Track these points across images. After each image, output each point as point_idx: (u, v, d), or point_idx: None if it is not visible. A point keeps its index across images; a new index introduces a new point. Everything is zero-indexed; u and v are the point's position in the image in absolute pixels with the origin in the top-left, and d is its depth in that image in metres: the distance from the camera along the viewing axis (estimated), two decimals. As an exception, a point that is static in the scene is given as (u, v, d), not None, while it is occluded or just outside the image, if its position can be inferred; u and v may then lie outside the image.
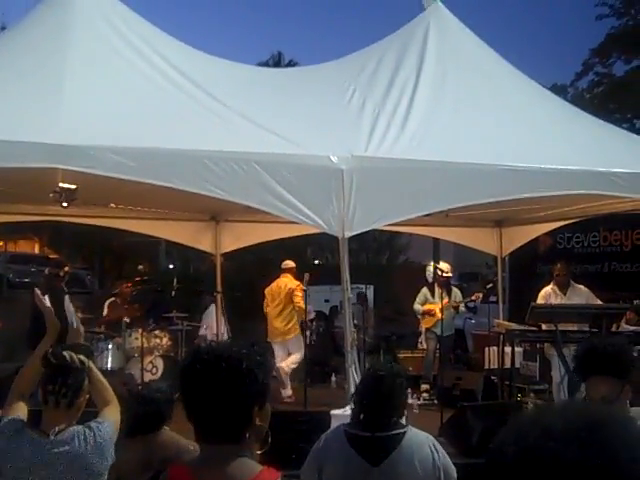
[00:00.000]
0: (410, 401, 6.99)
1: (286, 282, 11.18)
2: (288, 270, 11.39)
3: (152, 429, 4.28)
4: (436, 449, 3.39)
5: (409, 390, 4.08)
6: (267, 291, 11.50)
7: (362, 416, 3.58)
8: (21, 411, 3.46)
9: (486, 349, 11.10)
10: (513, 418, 1.30)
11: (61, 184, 7.49)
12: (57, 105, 6.24)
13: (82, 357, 3.44)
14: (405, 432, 3.46)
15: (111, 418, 3.49)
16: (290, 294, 11.02)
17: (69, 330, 9.35)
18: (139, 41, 7.48)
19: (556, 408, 1.31)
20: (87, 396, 3.48)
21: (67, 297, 10.27)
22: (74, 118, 6.11)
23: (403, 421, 3.63)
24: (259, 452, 2.30)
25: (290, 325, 11.05)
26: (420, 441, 3.43)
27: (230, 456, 2.20)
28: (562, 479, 1.17)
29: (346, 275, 6.30)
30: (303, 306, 10.89)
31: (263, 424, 2.24)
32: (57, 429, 3.31)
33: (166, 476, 2.33)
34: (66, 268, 11.01)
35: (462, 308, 11.79)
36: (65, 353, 3.39)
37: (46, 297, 4.20)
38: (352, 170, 6.23)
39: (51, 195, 7.76)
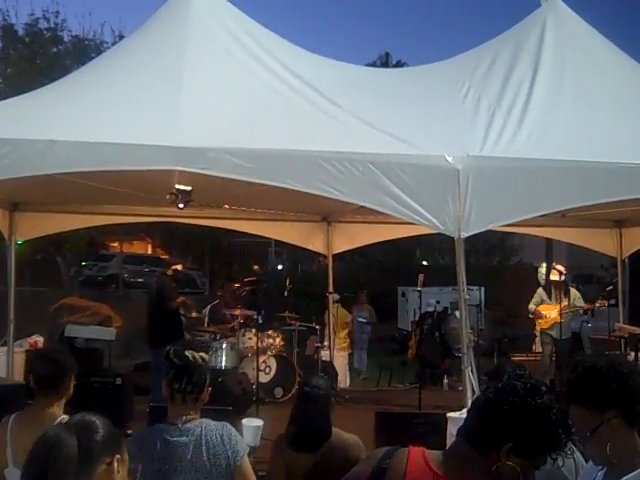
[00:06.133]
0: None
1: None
2: None
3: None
4: None
5: None
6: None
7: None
8: None
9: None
10: None
11: (177, 186, 7.68)
12: (175, 109, 6.40)
13: (203, 354, 3.54)
14: None
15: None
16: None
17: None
18: (253, 44, 7.58)
19: None
20: (209, 389, 3.57)
21: None
22: (191, 121, 6.25)
23: None
24: None
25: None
26: None
27: (469, 457, 2.29)
28: None
29: (462, 276, 6.20)
30: None
31: (515, 469, 2.25)
32: (185, 418, 3.43)
33: (406, 452, 2.40)
34: (174, 267, 11.30)
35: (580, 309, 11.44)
36: (187, 353, 3.49)
37: None
38: (468, 170, 6.12)
39: (167, 197, 7.97)
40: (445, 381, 12.26)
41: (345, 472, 4.19)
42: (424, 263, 30.40)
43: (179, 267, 11.38)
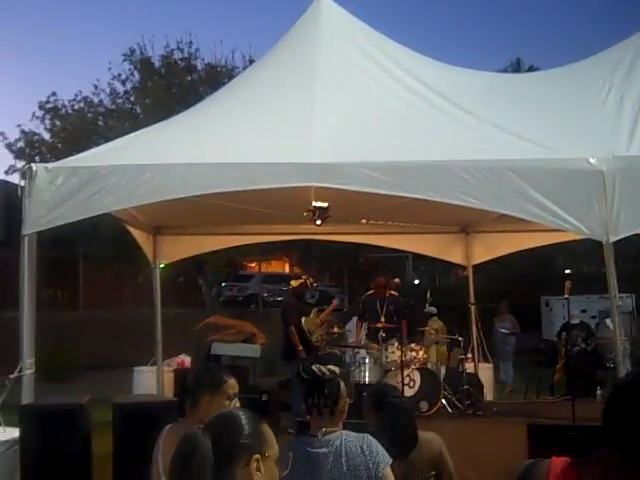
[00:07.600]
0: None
1: None
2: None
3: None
4: None
5: None
6: None
7: None
8: None
9: None
10: None
11: (315, 202, 7.73)
12: (309, 126, 6.49)
13: (332, 367, 3.54)
14: None
15: None
16: None
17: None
18: (382, 57, 7.61)
19: None
20: (347, 400, 3.55)
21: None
22: (326, 137, 6.30)
23: None
24: None
25: None
26: None
27: (615, 462, 2.09)
28: None
29: (613, 282, 5.91)
30: None
31: None
32: (325, 430, 3.43)
33: (548, 463, 2.28)
34: (293, 282, 11.32)
35: None
36: (314, 367, 3.51)
37: None
38: (614, 171, 5.85)
39: (305, 214, 8.03)
40: (598, 392, 11.79)
41: (432, 466, 4.20)
42: (567, 271, 29.46)
43: (294, 282, 11.40)
